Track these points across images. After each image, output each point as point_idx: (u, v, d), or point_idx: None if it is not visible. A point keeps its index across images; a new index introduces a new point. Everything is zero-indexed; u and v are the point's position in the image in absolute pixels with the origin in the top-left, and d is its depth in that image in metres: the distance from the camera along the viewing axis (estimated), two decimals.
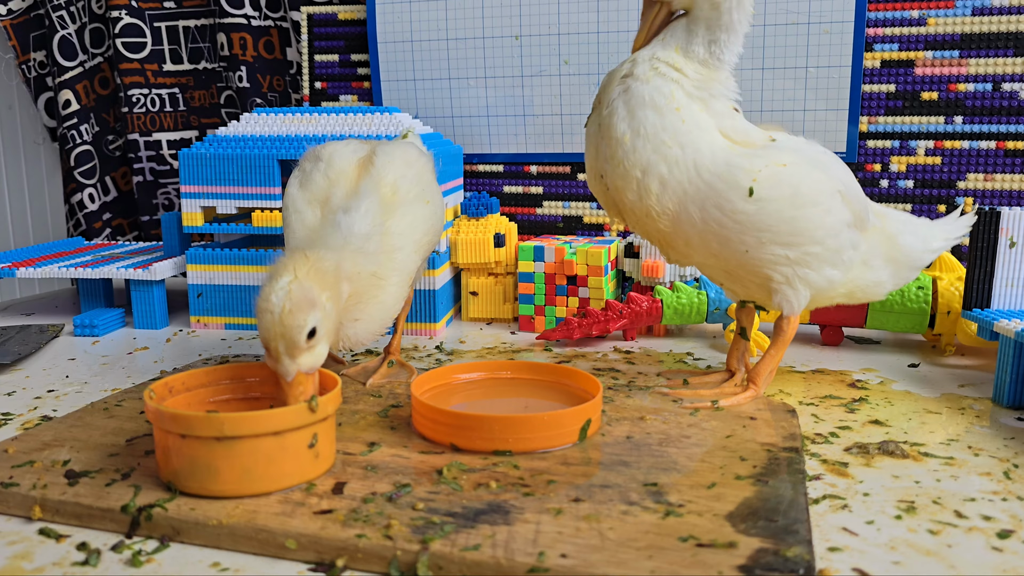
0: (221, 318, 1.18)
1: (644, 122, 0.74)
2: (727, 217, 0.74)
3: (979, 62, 1.18)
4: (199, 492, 0.60)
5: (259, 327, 0.64)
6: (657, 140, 0.73)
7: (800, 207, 0.74)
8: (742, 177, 0.73)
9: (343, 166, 0.83)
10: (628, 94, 0.75)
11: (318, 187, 0.82)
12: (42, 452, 0.68)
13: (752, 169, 0.73)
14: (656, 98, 0.74)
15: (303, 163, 0.86)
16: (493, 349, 1.06)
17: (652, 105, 0.74)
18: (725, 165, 0.74)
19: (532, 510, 0.57)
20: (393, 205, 0.81)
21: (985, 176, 1.20)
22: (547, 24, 1.30)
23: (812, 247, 0.76)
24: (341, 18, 1.42)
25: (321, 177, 0.83)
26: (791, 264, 0.76)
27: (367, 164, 0.83)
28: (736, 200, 0.73)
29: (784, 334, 0.81)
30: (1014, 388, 0.82)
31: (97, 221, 1.61)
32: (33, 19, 1.60)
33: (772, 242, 0.75)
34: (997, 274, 0.89)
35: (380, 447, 0.68)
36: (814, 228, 0.75)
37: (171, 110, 1.57)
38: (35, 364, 1.01)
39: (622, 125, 0.75)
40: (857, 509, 0.60)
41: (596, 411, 0.71)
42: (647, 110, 0.74)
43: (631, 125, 0.74)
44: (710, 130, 0.75)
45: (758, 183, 0.73)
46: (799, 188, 0.74)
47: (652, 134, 0.74)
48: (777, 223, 0.74)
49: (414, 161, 0.87)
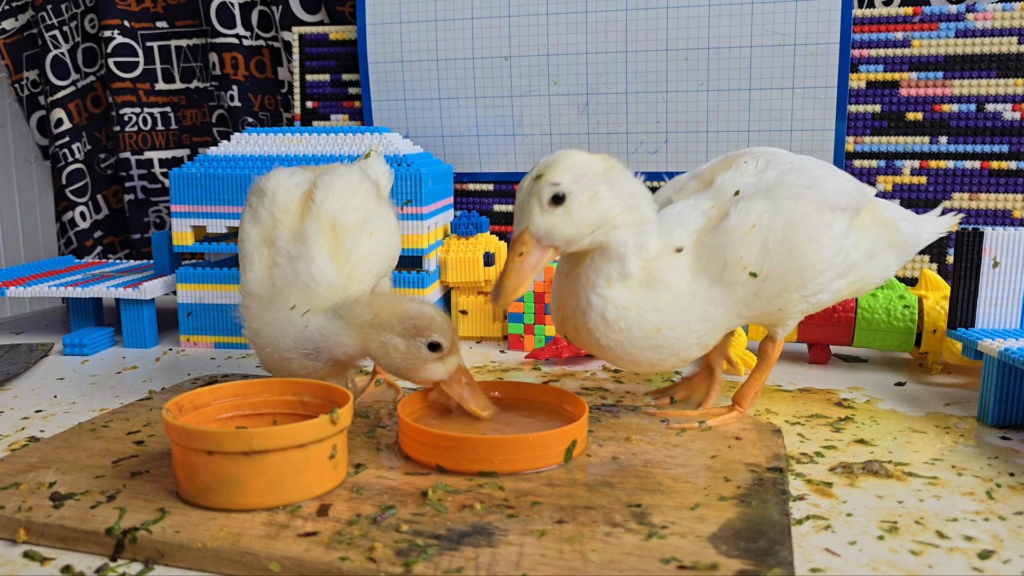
0: (211, 337, 1.18)
1: (649, 358, 0.73)
2: (751, 305, 0.75)
3: (963, 83, 1.19)
4: (226, 507, 0.61)
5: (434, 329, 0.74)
6: (673, 352, 0.73)
7: (800, 255, 0.74)
8: (734, 275, 0.73)
9: (286, 202, 0.82)
10: (617, 356, 0.73)
11: (265, 224, 0.82)
12: (28, 474, 0.68)
13: (735, 261, 0.73)
14: (640, 344, 0.72)
15: (251, 197, 0.85)
16: (482, 368, 1.06)
17: (641, 350, 0.73)
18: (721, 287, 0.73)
19: (516, 532, 0.57)
20: (337, 242, 0.81)
21: (970, 195, 1.21)
22: (536, 45, 1.31)
23: (824, 275, 0.76)
24: (332, 38, 1.43)
25: (266, 214, 0.82)
26: (806, 300, 0.77)
27: (309, 198, 0.82)
28: (748, 290, 0.74)
29: (769, 357, 0.82)
30: (998, 407, 0.83)
31: (88, 239, 1.62)
32: (26, 38, 1.61)
33: (791, 291, 0.75)
34: (981, 293, 0.89)
35: (366, 468, 0.68)
36: (817, 261, 0.75)
37: (163, 129, 1.58)
38: (24, 384, 1.01)
39: (639, 367, 0.74)
40: (840, 530, 0.60)
41: (582, 432, 0.71)
42: (644, 353, 0.73)
43: (641, 363, 0.74)
44: (689, 287, 0.73)
45: (749, 265, 0.73)
46: (789, 237, 0.73)
47: (667, 354, 0.73)
48: (785, 278, 0.74)
49: (355, 189, 0.85)
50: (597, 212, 0.69)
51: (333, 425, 0.63)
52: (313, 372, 0.77)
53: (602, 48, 1.29)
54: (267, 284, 0.79)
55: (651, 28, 1.26)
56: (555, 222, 0.68)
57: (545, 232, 0.68)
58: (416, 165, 1.14)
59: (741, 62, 1.24)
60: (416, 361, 0.74)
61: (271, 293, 0.78)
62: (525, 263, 0.68)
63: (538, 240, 0.69)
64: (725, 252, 0.73)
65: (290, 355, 0.77)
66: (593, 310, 0.71)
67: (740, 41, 1.24)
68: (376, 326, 0.74)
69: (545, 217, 0.68)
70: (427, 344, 0.73)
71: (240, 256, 0.83)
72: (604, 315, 0.71)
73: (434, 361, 0.74)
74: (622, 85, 1.29)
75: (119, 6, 1.52)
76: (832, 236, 0.75)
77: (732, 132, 1.27)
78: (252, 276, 0.80)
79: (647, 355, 0.73)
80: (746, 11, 1.22)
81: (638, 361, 0.74)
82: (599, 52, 1.29)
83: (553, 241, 0.69)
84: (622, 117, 1.31)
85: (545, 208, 0.68)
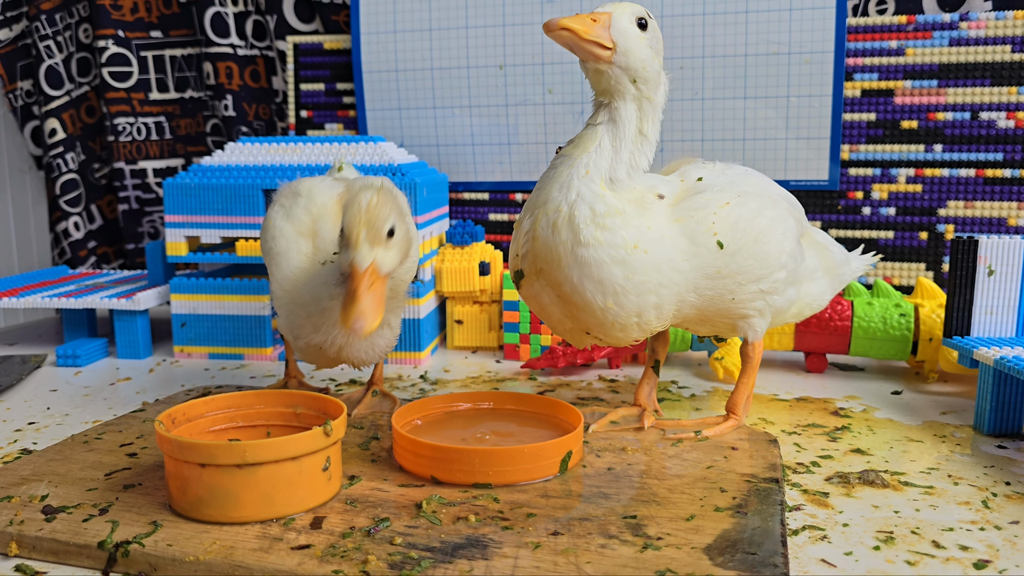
0: (205, 347, 1.17)
1: (616, 280, 0.71)
2: (712, 280, 0.75)
3: (957, 91, 1.19)
4: (219, 520, 0.60)
5: (344, 217, 0.69)
6: (637, 286, 0.71)
7: (764, 242, 0.76)
8: (705, 238, 0.74)
9: (325, 200, 0.86)
10: (586, 266, 0.70)
11: (301, 221, 0.84)
12: (20, 487, 0.68)
13: (708, 224, 0.74)
14: (614, 254, 0.70)
15: (281, 199, 0.88)
16: (478, 378, 1.06)
17: (614, 262, 0.70)
18: (690, 243, 0.74)
19: (511, 544, 0.56)
20: None
21: (965, 204, 1.21)
22: (531, 53, 1.31)
23: (778, 273, 0.77)
24: (327, 47, 1.43)
25: (303, 212, 0.85)
26: (763, 296, 0.77)
27: (341, 202, 0.85)
28: (713, 259, 0.74)
29: (752, 360, 0.82)
30: (994, 415, 0.83)
31: (82, 249, 1.61)
32: (20, 48, 1.60)
33: (748, 281, 0.76)
34: (976, 302, 0.89)
35: (360, 480, 0.68)
36: (777, 254, 0.77)
37: (157, 138, 1.58)
38: (17, 395, 1.00)
39: (598, 298, 0.71)
40: (836, 540, 0.60)
41: (577, 443, 0.71)
42: (612, 268, 0.70)
43: (605, 290, 0.71)
44: (664, 229, 0.73)
45: (719, 234, 0.74)
46: (755, 222, 0.75)
47: (631, 286, 0.71)
48: (747, 262, 0.75)
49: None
50: (655, 60, 0.73)
51: (327, 437, 0.63)
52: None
53: None
54: (308, 273, 0.80)
55: None
56: (641, 41, 0.72)
57: (627, 49, 0.71)
58: (411, 174, 1.14)
59: (736, 71, 1.24)
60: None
61: (313, 278, 0.79)
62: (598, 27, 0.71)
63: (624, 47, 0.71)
64: (700, 214, 0.74)
65: (322, 292, 0.77)
66: (584, 201, 0.71)
67: (735, 50, 1.24)
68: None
69: (633, 36, 0.71)
70: (340, 228, 0.72)
71: (270, 253, 0.84)
72: (594, 207, 0.71)
73: (342, 249, 0.71)
74: None
75: (113, 16, 1.52)
76: (788, 234, 0.78)
77: (727, 141, 1.27)
78: (287, 268, 0.82)
79: (615, 272, 0.70)
80: (740, 20, 1.23)
81: (604, 279, 0.70)
82: None
83: (630, 62, 0.71)
84: None
85: (634, 26, 0.72)
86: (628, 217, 0.72)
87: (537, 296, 0.75)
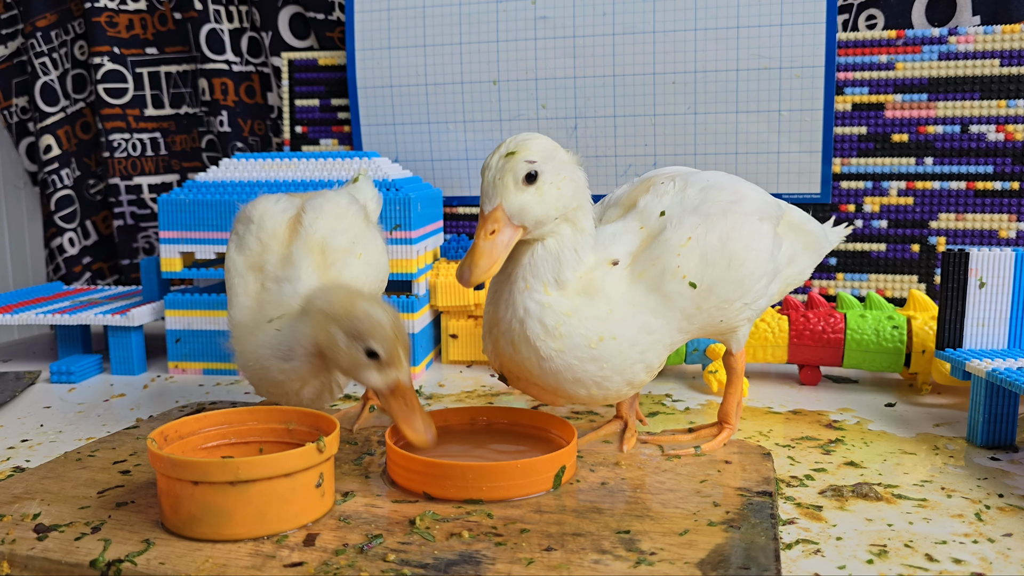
0: (199, 363, 1.17)
1: (593, 375, 0.70)
2: (694, 316, 0.74)
3: (947, 105, 1.20)
4: (212, 537, 0.60)
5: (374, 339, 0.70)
6: (617, 369, 0.71)
7: (739, 265, 0.74)
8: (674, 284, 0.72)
9: (274, 227, 0.83)
10: (558, 373, 0.70)
11: (253, 251, 0.82)
12: (12, 505, 0.68)
13: (672, 269, 0.72)
14: (581, 355, 0.69)
15: (236, 225, 0.85)
16: (472, 392, 1.06)
17: (583, 361, 0.70)
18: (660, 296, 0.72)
19: (504, 560, 0.56)
20: (325, 264, 0.81)
21: (956, 216, 1.22)
22: (524, 69, 1.32)
23: (760, 281, 0.76)
24: (321, 64, 1.43)
25: (254, 240, 0.82)
26: (748, 307, 0.77)
27: (297, 222, 0.83)
28: (689, 301, 0.73)
29: (736, 370, 0.82)
30: (987, 427, 0.83)
31: (77, 265, 1.61)
32: (15, 65, 1.61)
33: (732, 301, 0.75)
34: (968, 314, 0.90)
35: (354, 496, 0.68)
36: (754, 268, 0.75)
37: (152, 154, 1.58)
38: (10, 412, 1.00)
39: (581, 391, 0.71)
40: (830, 554, 0.60)
41: (571, 457, 0.71)
42: (585, 367, 0.70)
43: (587, 384, 0.71)
44: (627, 299, 0.71)
45: (688, 275, 0.72)
46: (726, 247, 0.74)
47: (610, 372, 0.71)
48: (726, 289, 0.74)
49: (344, 212, 0.86)
50: (563, 198, 0.69)
51: (320, 453, 0.63)
52: (293, 375, 0.75)
53: (590, 72, 1.30)
54: (254, 311, 0.79)
55: (639, 52, 1.27)
56: (528, 200, 0.67)
57: (518, 209, 0.67)
58: (405, 189, 1.14)
59: (728, 85, 1.25)
60: (355, 362, 0.71)
61: (258, 319, 0.78)
62: (498, 241, 0.67)
63: (510, 218, 0.67)
64: (662, 262, 0.72)
65: (268, 362, 0.76)
66: (531, 317, 0.69)
67: (726, 65, 1.25)
68: (328, 316, 0.72)
69: (519, 195, 0.67)
70: (364, 349, 0.71)
71: (227, 286, 0.83)
72: (543, 321, 0.69)
73: (372, 368, 0.71)
74: (610, 109, 1.30)
75: (109, 33, 1.52)
76: (764, 244, 0.76)
77: (720, 155, 1.27)
78: (238, 306, 0.80)
79: (589, 369, 0.70)
80: (732, 36, 1.24)
81: (580, 378, 0.70)
82: (587, 76, 1.30)
83: (524, 220, 0.68)
84: (611, 140, 1.31)
85: (519, 185, 0.67)
86: (581, 314, 0.70)
87: (527, 390, 0.75)
